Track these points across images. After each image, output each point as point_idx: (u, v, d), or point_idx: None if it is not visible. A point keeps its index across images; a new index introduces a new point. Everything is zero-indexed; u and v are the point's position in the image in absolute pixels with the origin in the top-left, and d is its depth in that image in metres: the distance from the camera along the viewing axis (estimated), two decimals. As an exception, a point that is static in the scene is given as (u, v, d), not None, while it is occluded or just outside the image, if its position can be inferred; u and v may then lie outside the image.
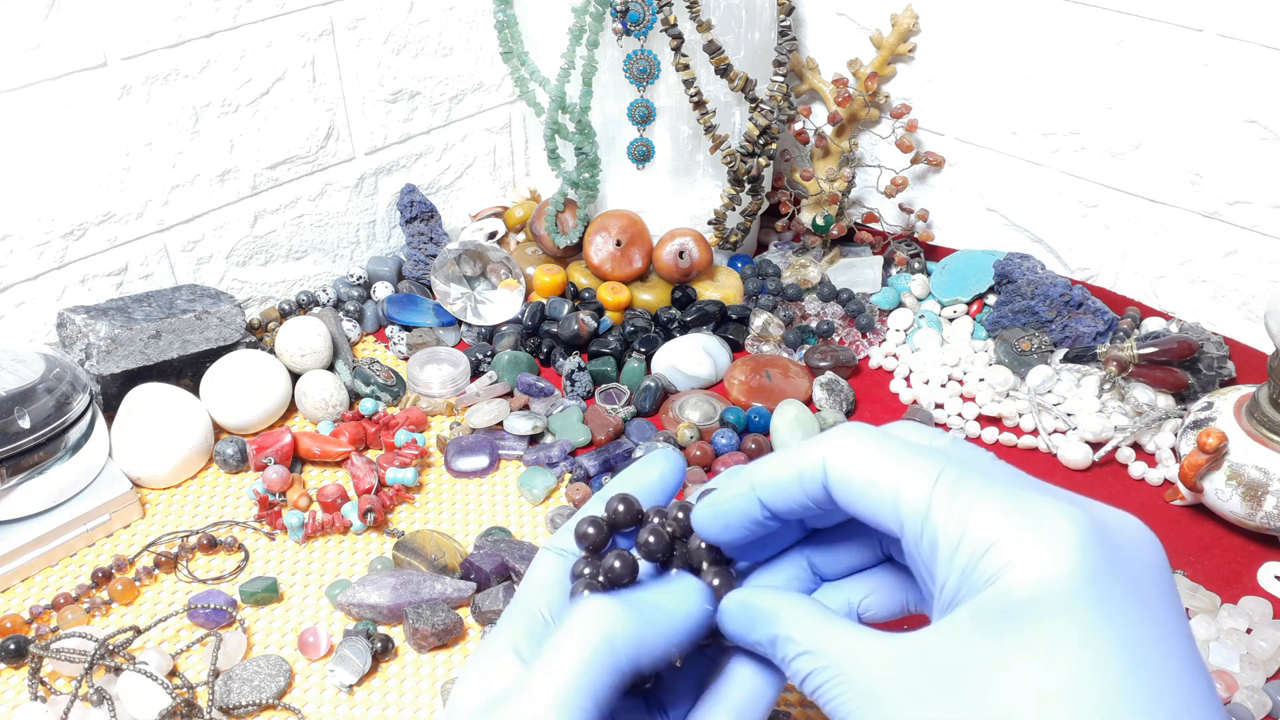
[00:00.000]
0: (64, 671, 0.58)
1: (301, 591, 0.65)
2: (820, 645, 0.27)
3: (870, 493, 0.27)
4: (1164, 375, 0.76)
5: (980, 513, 0.25)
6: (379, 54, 0.89)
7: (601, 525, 0.32)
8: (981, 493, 0.25)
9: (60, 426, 0.67)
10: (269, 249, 0.88)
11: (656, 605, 0.30)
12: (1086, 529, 0.24)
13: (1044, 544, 0.24)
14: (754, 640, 0.30)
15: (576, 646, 0.28)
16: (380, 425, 0.76)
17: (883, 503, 0.26)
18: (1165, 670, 0.23)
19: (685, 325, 0.87)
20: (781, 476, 0.29)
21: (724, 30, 0.84)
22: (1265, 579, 0.65)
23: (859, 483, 0.27)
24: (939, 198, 0.98)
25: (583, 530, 0.32)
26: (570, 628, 0.28)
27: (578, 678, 0.27)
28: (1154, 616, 0.24)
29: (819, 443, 0.28)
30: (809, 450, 0.28)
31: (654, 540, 0.32)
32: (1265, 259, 0.80)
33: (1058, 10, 0.83)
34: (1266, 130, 0.76)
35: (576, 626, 0.28)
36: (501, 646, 0.31)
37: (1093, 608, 0.23)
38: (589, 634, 0.28)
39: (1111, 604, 0.23)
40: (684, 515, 0.33)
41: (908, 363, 0.84)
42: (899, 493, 0.26)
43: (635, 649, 0.28)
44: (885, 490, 0.26)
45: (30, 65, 0.69)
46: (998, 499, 0.25)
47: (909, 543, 0.26)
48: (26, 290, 0.74)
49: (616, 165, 0.92)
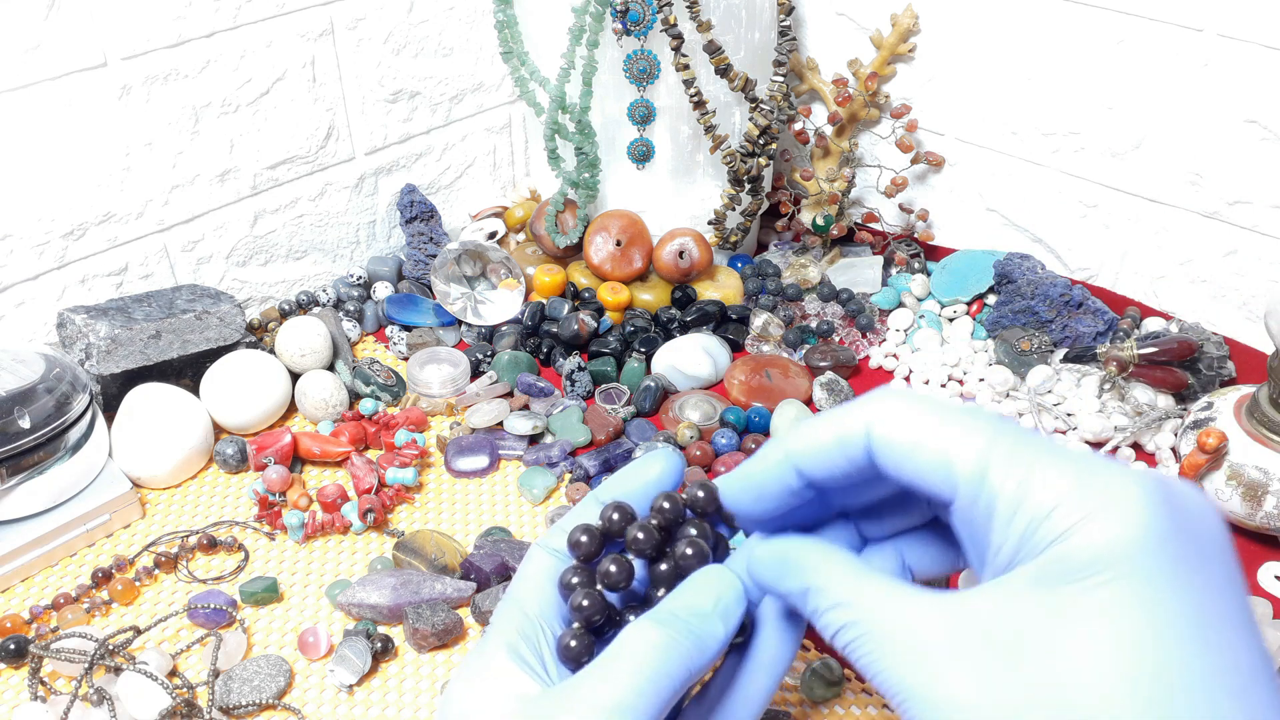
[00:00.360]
0: (64, 671, 0.58)
1: (301, 591, 0.65)
2: (855, 599, 0.26)
3: (919, 455, 0.25)
4: (1164, 375, 0.76)
5: (1042, 474, 0.24)
6: (379, 54, 0.89)
7: (595, 534, 0.32)
8: (1041, 455, 0.24)
9: (60, 426, 0.67)
10: (269, 249, 0.88)
11: (699, 615, 0.29)
12: (1155, 494, 0.23)
13: (1112, 506, 0.23)
14: (785, 590, 0.28)
15: (630, 678, 0.27)
16: (380, 425, 0.76)
17: (933, 465, 0.25)
18: (1228, 643, 0.23)
19: (685, 325, 0.87)
20: (821, 441, 0.27)
21: (724, 30, 0.84)
22: (1265, 579, 0.65)
23: (907, 445, 0.26)
24: (939, 198, 0.98)
25: (575, 539, 0.32)
26: (621, 661, 0.28)
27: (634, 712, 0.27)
28: (1219, 588, 0.23)
29: (862, 404, 0.27)
30: (852, 413, 0.27)
31: (643, 537, 0.31)
32: (1265, 259, 0.80)
33: (1058, 10, 0.83)
34: (1266, 130, 0.76)
35: (627, 660, 0.28)
36: (496, 647, 0.30)
37: (1161, 573, 0.22)
38: (640, 668, 0.27)
39: (1179, 571, 0.23)
40: (669, 506, 0.32)
41: (908, 363, 0.84)
42: (951, 455, 0.25)
43: (686, 672, 0.28)
44: (935, 453, 0.25)
45: (30, 65, 0.69)
46: (1059, 462, 0.24)
47: (962, 506, 0.25)
48: (26, 290, 0.74)
49: (616, 165, 0.92)
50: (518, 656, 0.30)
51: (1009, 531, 0.24)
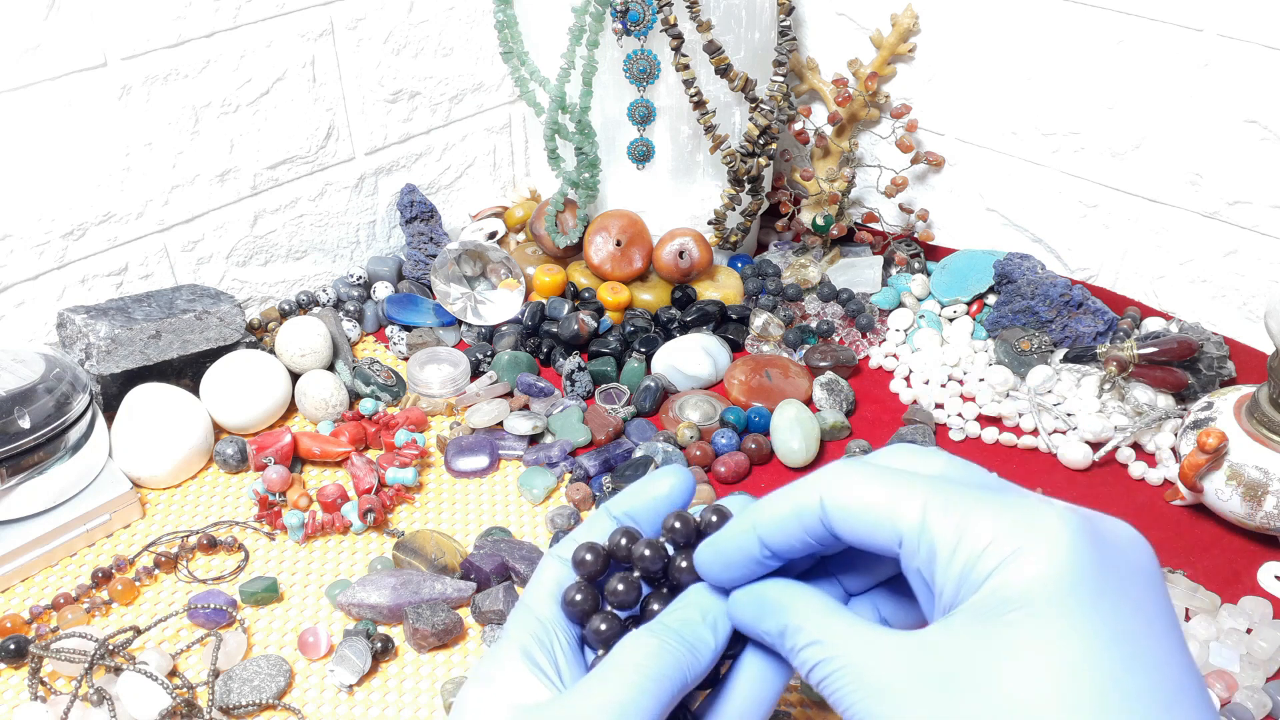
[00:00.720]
0: (64, 671, 0.58)
1: (301, 591, 0.65)
2: (828, 636, 0.28)
3: (867, 517, 0.27)
4: (1164, 375, 0.76)
5: (975, 518, 0.26)
6: (379, 54, 0.89)
7: (600, 553, 0.33)
8: (976, 500, 0.26)
9: (60, 426, 0.67)
10: (269, 249, 0.88)
11: (689, 624, 0.31)
12: (1079, 529, 0.25)
13: (1038, 542, 0.24)
14: (763, 630, 0.30)
15: (628, 680, 0.29)
16: (380, 425, 0.76)
17: (880, 524, 0.27)
18: (1157, 665, 0.24)
19: (685, 325, 0.87)
20: (780, 514, 0.29)
21: (724, 30, 0.84)
22: (1265, 579, 0.65)
23: (856, 510, 0.28)
24: (939, 198, 0.98)
25: (580, 557, 0.33)
26: (618, 668, 0.29)
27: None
28: (1146, 614, 0.25)
29: (815, 478, 0.29)
30: (805, 487, 0.29)
31: (623, 589, 0.32)
32: (1265, 259, 0.80)
33: (1058, 10, 0.83)
34: (1266, 130, 0.76)
35: (625, 665, 0.29)
36: (510, 653, 0.31)
37: (1085, 603, 0.24)
38: (631, 674, 0.29)
39: (1103, 600, 0.24)
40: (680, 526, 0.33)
41: (908, 363, 0.84)
42: (895, 511, 0.27)
43: (681, 674, 0.29)
44: (882, 512, 0.27)
45: (30, 65, 0.69)
46: (991, 504, 0.26)
47: (907, 556, 0.27)
48: (26, 290, 0.74)
49: (616, 165, 0.92)
50: (530, 660, 0.31)
51: (949, 572, 0.26)
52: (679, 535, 0.33)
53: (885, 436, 0.77)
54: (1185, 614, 0.63)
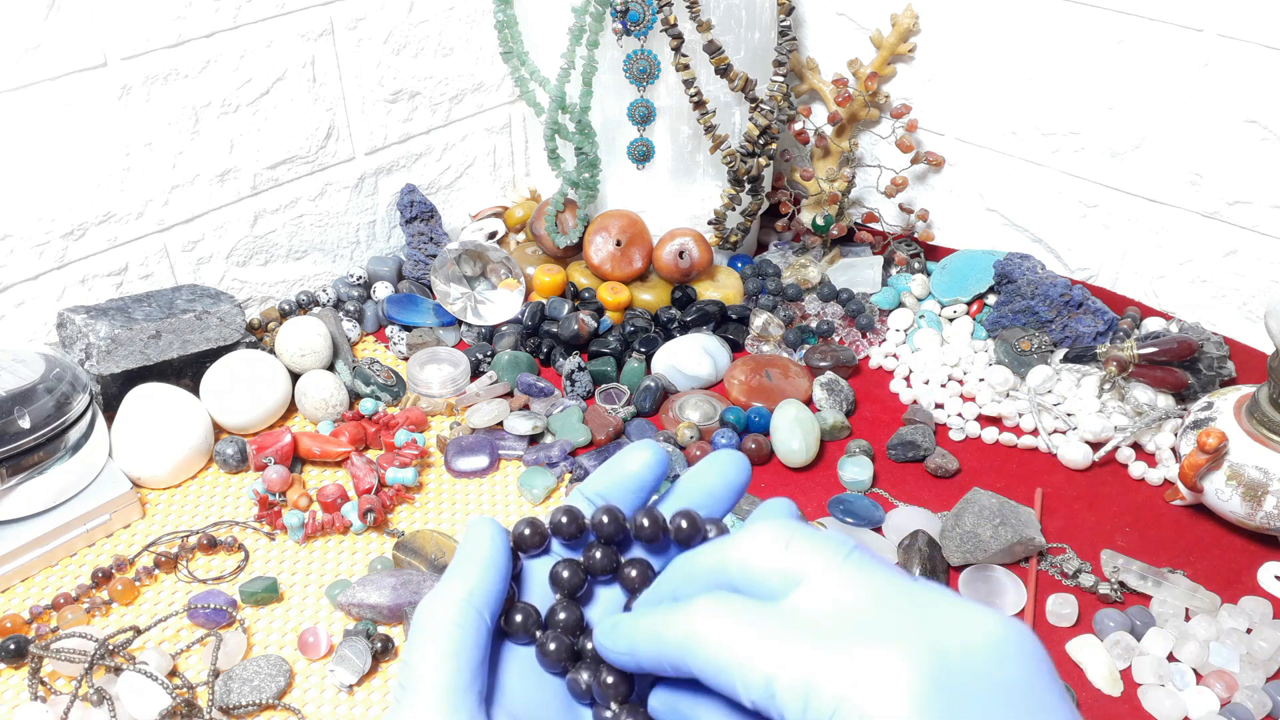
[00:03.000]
0: (64, 671, 0.58)
1: (301, 591, 0.65)
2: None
3: (719, 680, 0.28)
4: (1164, 375, 0.76)
5: (821, 680, 0.26)
6: (379, 54, 0.89)
7: (539, 528, 0.32)
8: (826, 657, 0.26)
9: (60, 426, 0.67)
10: (269, 249, 0.88)
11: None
12: (920, 671, 0.25)
13: (879, 703, 0.25)
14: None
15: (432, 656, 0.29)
16: (380, 425, 0.76)
17: (730, 687, 0.27)
18: None
19: (685, 325, 0.87)
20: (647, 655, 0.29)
21: (724, 30, 0.84)
22: (1265, 579, 0.65)
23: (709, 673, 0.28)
24: (939, 198, 0.98)
25: (519, 531, 0.32)
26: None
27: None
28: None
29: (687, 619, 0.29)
30: (676, 626, 0.29)
31: (554, 648, 0.31)
32: (1265, 259, 0.80)
33: (1058, 10, 0.83)
34: (1266, 130, 0.76)
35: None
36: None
37: None
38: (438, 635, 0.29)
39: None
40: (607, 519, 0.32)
41: (908, 363, 0.84)
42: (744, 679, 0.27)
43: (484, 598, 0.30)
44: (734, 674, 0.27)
45: (30, 65, 0.69)
46: (840, 660, 0.26)
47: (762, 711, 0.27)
48: (26, 290, 0.74)
49: (616, 165, 0.92)
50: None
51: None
52: (645, 534, 0.33)
53: (885, 436, 0.77)
54: (1185, 614, 0.63)
